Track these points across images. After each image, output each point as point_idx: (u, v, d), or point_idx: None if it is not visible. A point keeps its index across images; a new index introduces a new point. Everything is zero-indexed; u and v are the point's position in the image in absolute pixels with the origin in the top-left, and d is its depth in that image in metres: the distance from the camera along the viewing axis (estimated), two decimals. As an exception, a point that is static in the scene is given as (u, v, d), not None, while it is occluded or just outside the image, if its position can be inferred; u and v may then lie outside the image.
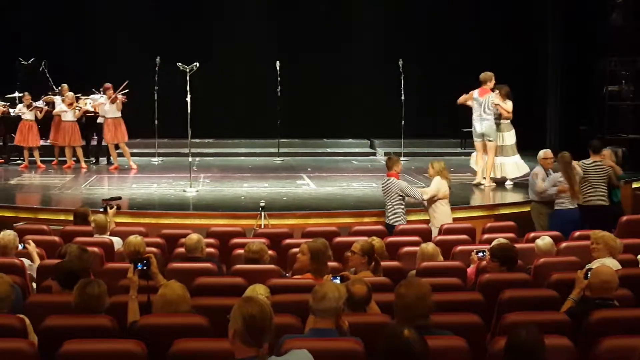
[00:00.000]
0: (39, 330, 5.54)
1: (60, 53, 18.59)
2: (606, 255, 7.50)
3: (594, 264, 7.02)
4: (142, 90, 16.88)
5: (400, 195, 11.06)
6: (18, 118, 16.69)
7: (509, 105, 14.15)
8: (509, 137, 14.41)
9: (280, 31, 19.89)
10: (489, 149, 14.22)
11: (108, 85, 16.39)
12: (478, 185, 14.22)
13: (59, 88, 17.11)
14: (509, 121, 14.33)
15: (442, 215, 11.02)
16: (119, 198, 11.52)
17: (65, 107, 16.24)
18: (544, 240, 8.31)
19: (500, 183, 14.36)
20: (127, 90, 16.33)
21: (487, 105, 14.02)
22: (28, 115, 16.37)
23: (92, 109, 16.74)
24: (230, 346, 4.07)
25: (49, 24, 19.03)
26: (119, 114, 16.28)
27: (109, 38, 19.29)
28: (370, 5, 20.31)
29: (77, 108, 16.45)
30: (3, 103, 17.03)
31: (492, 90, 14.09)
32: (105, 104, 16.34)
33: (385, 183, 11.31)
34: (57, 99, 16.68)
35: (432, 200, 11.03)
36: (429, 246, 8.04)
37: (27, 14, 19.04)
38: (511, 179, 14.40)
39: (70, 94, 16.45)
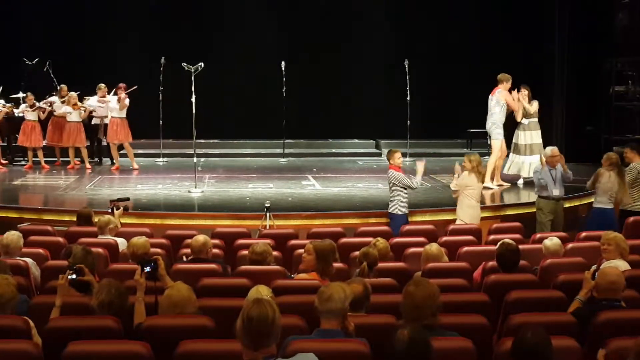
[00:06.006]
0: (43, 331, 5.54)
1: (65, 53, 18.57)
2: (617, 256, 7.46)
3: (605, 265, 6.99)
4: (147, 90, 16.88)
5: (394, 184, 11.19)
6: (22, 118, 16.70)
7: (534, 105, 14.30)
8: (537, 135, 14.43)
9: (286, 31, 19.88)
10: (492, 147, 14.28)
11: (121, 85, 16.40)
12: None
13: (58, 89, 17.11)
14: (536, 120, 14.38)
15: (466, 211, 11.02)
16: (127, 199, 11.47)
17: (70, 108, 16.25)
18: (552, 240, 8.27)
19: (512, 181, 14.40)
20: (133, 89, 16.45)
21: (493, 102, 14.11)
22: (31, 115, 16.39)
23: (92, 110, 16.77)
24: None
25: (53, 24, 19.03)
26: (123, 114, 16.29)
27: (114, 38, 19.30)
28: (376, 6, 20.29)
29: (83, 109, 16.46)
30: (9, 105, 17.03)
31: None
32: (110, 102, 16.42)
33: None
34: (56, 100, 16.68)
35: (457, 192, 11.15)
36: (433, 247, 8.01)
37: (32, 14, 19.06)
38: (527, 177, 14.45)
39: (73, 94, 16.45)
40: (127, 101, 16.15)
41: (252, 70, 19.73)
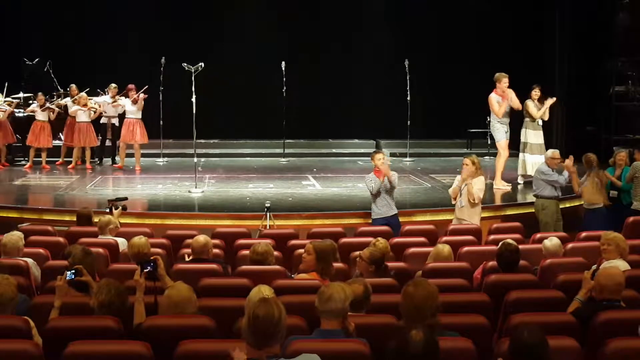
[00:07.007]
0: (43, 331, 5.54)
1: (65, 53, 18.57)
2: (616, 256, 7.44)
3: (605, 265, 6.99)
4: (147, 90, 16.85)
5: (369, 190, 10.99)
6: (24, 119, 16.68)
7: (543, 108, 14.26)
8: (539, 135, 14.37)
9: (286, 31, 19.84)
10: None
11: (131, 86, 16.43)
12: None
13: (68, 89, 17.11)
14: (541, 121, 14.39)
15: (476, 215, 10.66)
16: (125, 199, 11.45)
17: (81, 107, 16.24)
18: (552, 241, 8.25)
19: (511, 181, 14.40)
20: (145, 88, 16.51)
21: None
22: (41, 115, 16.35)
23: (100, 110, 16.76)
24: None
25: (54, 24, 19.00)
26: (139, 115, 16.34)
27: (114, 39, 19.24)
28: (376, 6, 20.29)
29: (93, 109, 16.43)
30: (15, 100, 17.00)
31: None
32: (124, 105, 16.47)
33: None
34: (69, 100, 16.67)
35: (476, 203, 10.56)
36: (446, 248, 7.93)
37: (32, 14, 19.04)
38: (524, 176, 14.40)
39: (84, 94, 16.44)
40: (142, 96, 16.30)
41: (252, 70, 19.70)
